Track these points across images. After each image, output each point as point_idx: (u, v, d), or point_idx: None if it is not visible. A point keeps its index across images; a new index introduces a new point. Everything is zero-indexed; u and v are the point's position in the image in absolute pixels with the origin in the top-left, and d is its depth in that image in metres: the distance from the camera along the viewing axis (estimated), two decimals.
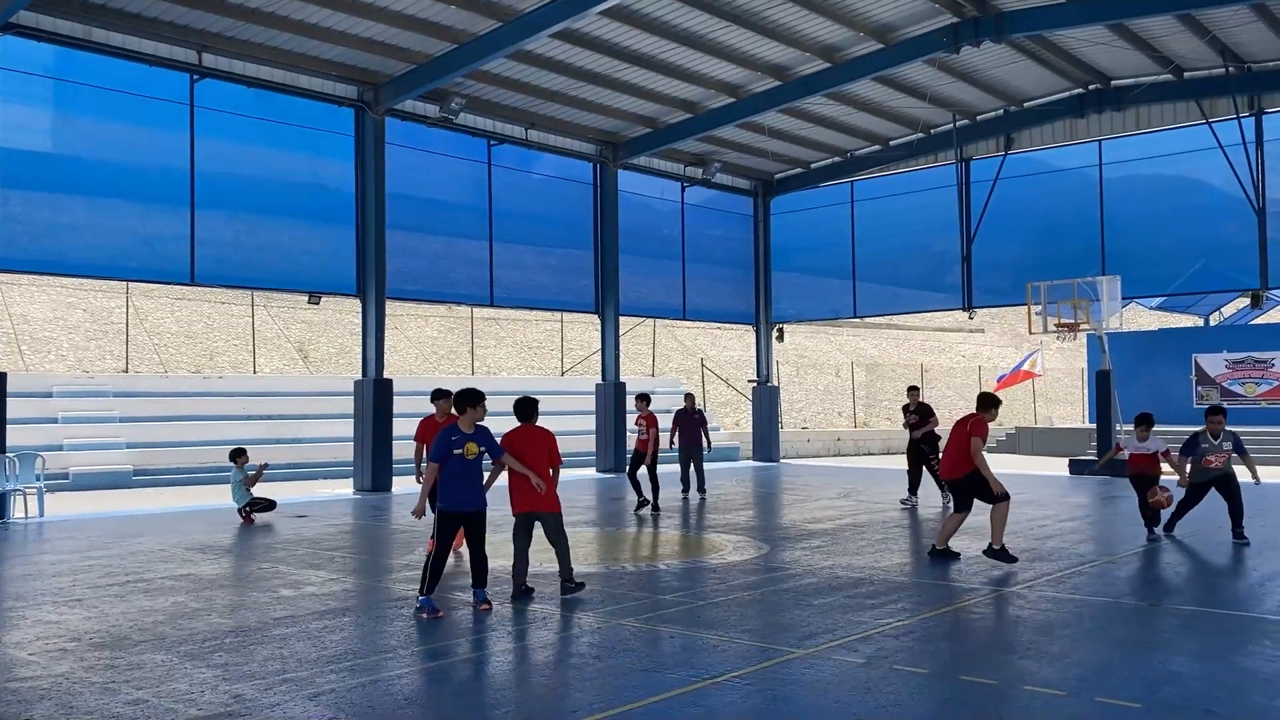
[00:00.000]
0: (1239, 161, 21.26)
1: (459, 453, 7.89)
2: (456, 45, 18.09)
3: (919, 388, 17.07)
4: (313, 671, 6.22)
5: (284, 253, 19.04)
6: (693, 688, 5.82)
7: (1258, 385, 30.29)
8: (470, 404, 8.07)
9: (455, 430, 8.01)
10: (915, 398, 16.26)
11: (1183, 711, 5.36)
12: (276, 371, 30.88)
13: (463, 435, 7.97)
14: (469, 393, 8.14)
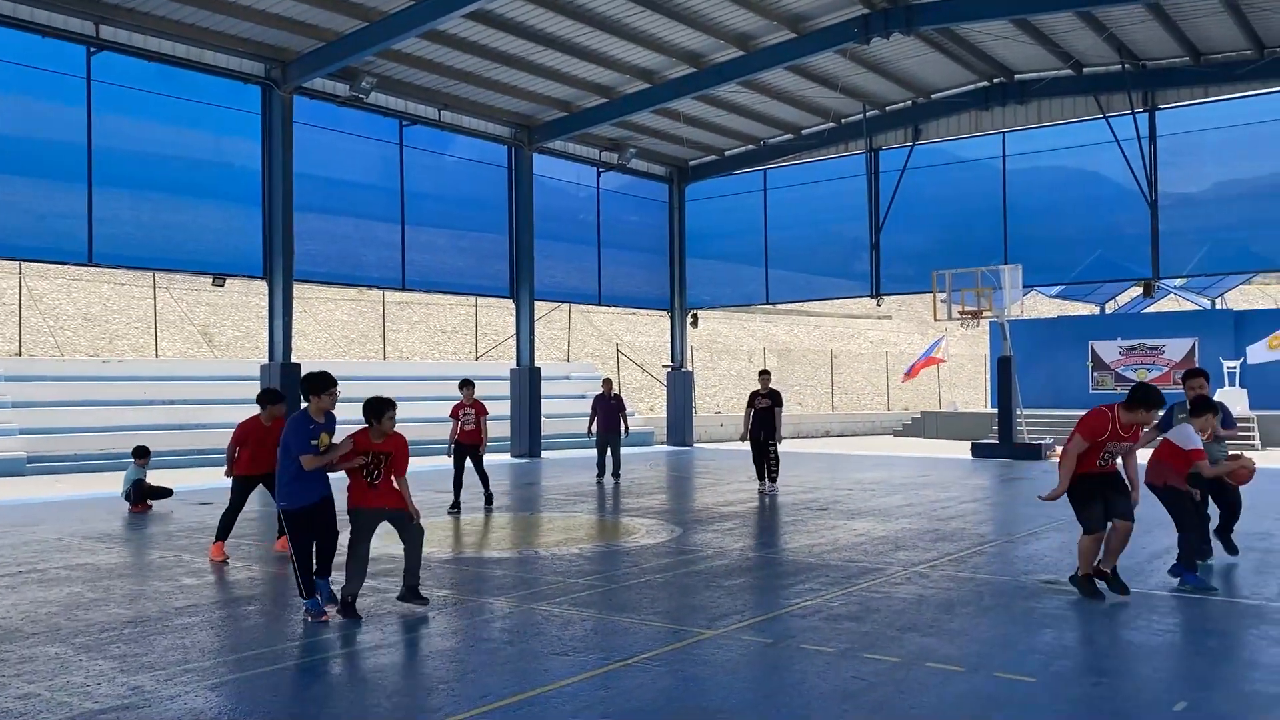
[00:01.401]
0: (1134, 155, 22.08)
1: (314, 444, 7.18)
2: (367, 23, 17.75)
3: (770, 372, 16.55)
4: (215, 661, 6.09)
5: (187, 233, 18.49)
6: (604, 670, 5.86)
7: (1149, 371, 31.54)
8: (316, 391, 7.31)
9: (309, 419, 7.26)
10: (767, 382, 15.71)
11: (1074, 683, 5.59)
12: (179, 355, 30.01)
13: (318, 425, 7.27)
14: (318, 377, 7.39)
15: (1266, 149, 21.56)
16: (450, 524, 12.30)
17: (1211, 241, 22.17)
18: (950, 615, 7.22)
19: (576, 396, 30.36)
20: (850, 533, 11.36)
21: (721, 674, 5.82)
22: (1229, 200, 21.95)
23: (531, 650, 6.37)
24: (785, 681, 5.66)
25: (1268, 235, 21.79)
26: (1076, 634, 6.65)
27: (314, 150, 19.86)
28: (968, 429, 30.43)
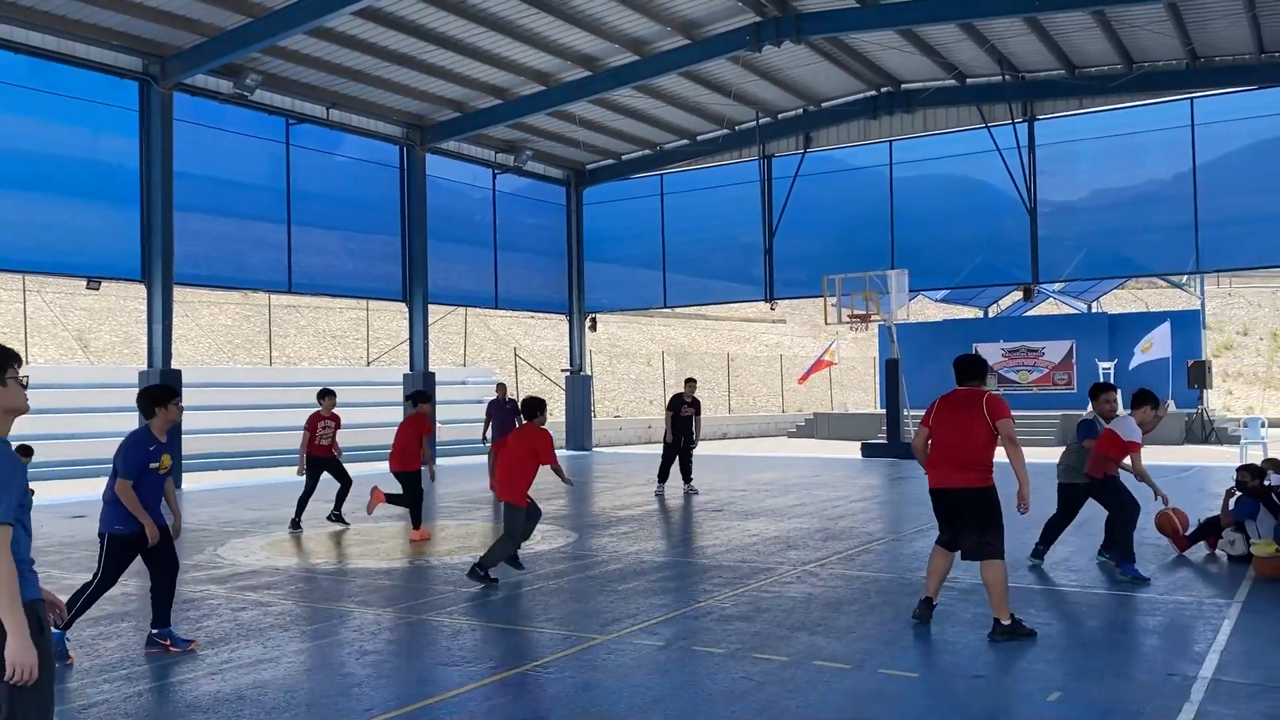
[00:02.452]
0: (1014, 164, 22.88)
1: (154, 466, 6.47)
2: (251, 19, 17.22)
3: (696, 380, 16.76)
4: (83, 682, 5.81)
5: (60, 234, 17.65)
6: (494, 679, 5.78)
7: (1030, 372, 32.74)
8: (162, 403, 6.52)
9: (151, 439, 6.51)
10: (693, 390, 16.06)
11: (955, 678, 5.73)
12: (53, 362, 28.68)
13: (159, 445, 6.53)
14: (159, 390, 6.63)
15: (1138, 159, 22.58)
16: (339, 534, 12.01)
17: (1088, 248, 23.10)
18: (838, 613, 7.34)
19: (473, 402, 30.02)
20: (744, 533, 11.48)
21: (612, 679, 5.79)
22: (1103, 208, 22.91)
23: (420, 661, 6.24)
24: (675, 684, 5.67)
25: (1140, 242, 22.81)
26: (958, 629, 6.83)
27: (196, 149, 19.17)
28: (858, 430, 31.10)
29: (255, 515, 13.79)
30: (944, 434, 6.88)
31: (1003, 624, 6.48)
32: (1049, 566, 9.06)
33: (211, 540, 11.35)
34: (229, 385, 26.11)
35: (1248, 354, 45.27)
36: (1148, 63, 21.39)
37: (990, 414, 6.77)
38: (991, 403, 6.87)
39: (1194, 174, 21.83)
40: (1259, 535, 8.82)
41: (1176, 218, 22.02)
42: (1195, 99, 21.79)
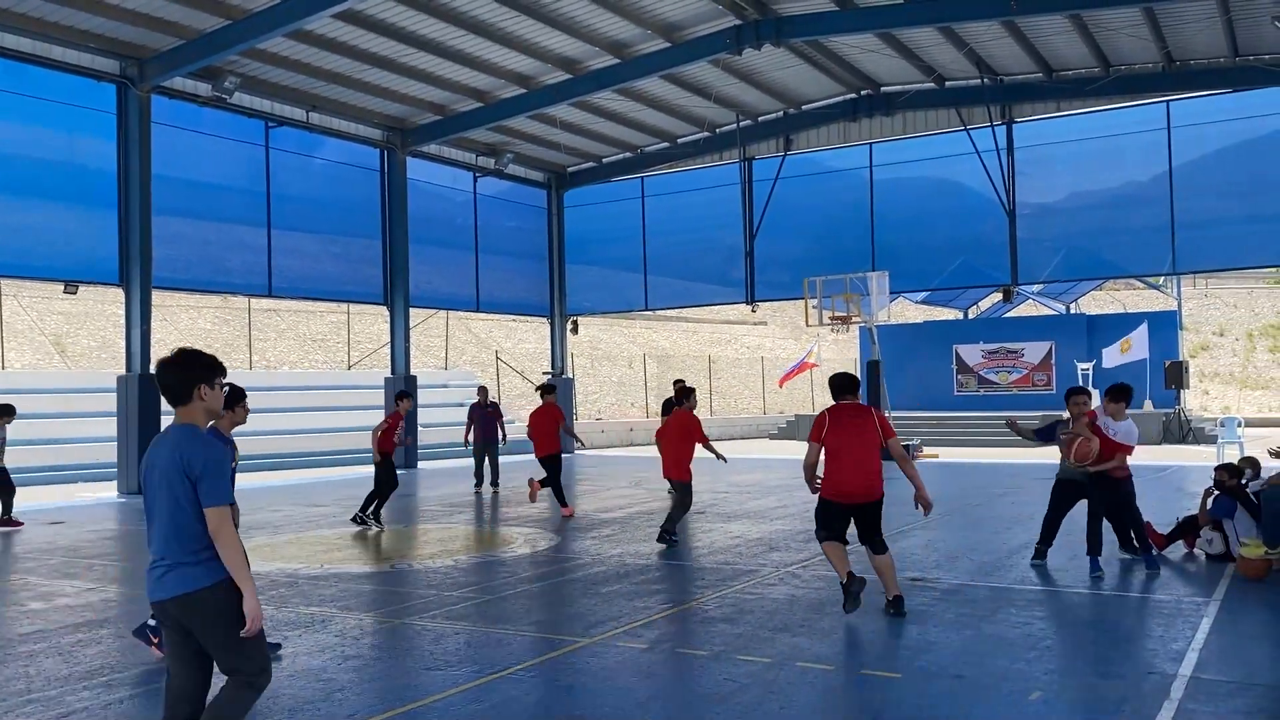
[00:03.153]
0: (993, 166, 23.02)
1: (233, 465, 6.01)
2: (230, 21, 17.13)
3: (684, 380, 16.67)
4: (62, 690, 5.75)
5: (37, 237, 17.48)
6: (477, 683, 5.76)
7: (1010, 373, 32.93)
8: (230, 406, 6.40)
9: (223, 438, 6.17)
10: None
11: (937, 678, 5.75)
12: (30, 367, 28.42)
13: (230, 443, 6.35)
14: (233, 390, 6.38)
15: (1115, 161, 22.77)
16: (319, 538, 11.95)
17: (1066, 249, 23.28)
18: (820, 615, 7.36)
19: (455, 405, 29.93)
20: (726, 535, 11.49)
21: (596, 682, 5.79)
22: (1081, 210, 23.09)
23: (402, 666, 6.22)
24: (659, 686, 5.67)
25: (1117, 243, 23.00)
26: (940, 630, 6.86)
27: (174, 152, 19.04)
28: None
29: None
30: (851, 448, 7.29)
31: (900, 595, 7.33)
32: (1029, 567, 9.12)
33: None
34: None
35: (1224, 354, 45.69)
36: (1125, 66, 21.57)
37: (882, 429, 7.40)
38: (880, 417, 7.50)
39: (1170, 176, 22.04)
40: (1237, 534, 8.89)
41: (1153, 219, 22.23)
42: (1171, 102, 22.01)
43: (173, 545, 3.87)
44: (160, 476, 3.90)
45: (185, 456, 3.85)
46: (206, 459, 3.86)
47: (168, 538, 3.88)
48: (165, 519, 3.88)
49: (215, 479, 3.85)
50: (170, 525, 3.86)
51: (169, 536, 3.87)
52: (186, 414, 4.01)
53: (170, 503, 3.86)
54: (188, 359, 4.04)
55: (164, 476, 3.88)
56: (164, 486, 3.88)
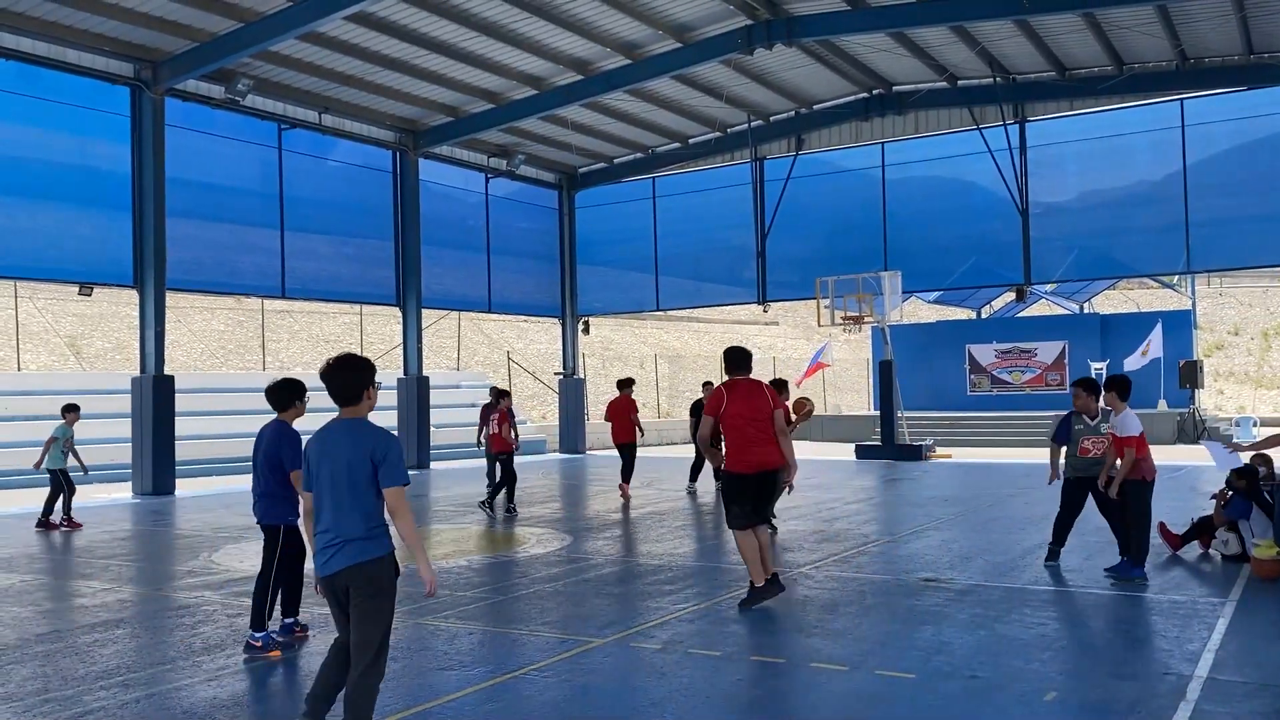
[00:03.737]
0: (1006, 166, 22.95)
1: None
2: (243, 24, 17.21)
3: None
4: (79, 689, 5.79)
5: (51, 240, 17.59)
6: (491, 683, 5.78)
7: (1023, 373, 32.80)
8: (300, 396, 6.84)
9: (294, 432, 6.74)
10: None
11: (951, 678, 5.74)
12: (45, 368, 28.58)
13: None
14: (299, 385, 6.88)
15: (1128, 160, 22.67)
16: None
17: (1078, 249, 23.19)
18: (834, 615, 7.35)
19: (467, 406, 29.98)
20: None
21: (609, 682, 5.79)
22: (1093, 209, 22.99)
23: (416, 666, 6.24)
24: (673, 687, 5.67)
25: (1130, 243, 22.91)
26: (954, 630, 6.84)
27: (188, 154, 19.13)
28: (852, 431, 31.10)
29: (249, 520, 13.71)
30: (747, 421, 7.57)
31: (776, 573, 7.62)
32: (1043, 567, 9.08)
33: (205, 546, 11.32)
34: (222, 391, 26.02)
35: (1239, 354, 45.43)
36: (1138, 64, 21.48)
37: (772, 400, 7.68)
38: (770, 390, 7.78)
39: (1184, 174, 21.93)
40: (1253, 535, 8.84)
41: (1167, 218, 22.12)
42: (1185, 100, 21.89)
43: (349, 523, 4.41)
44: (338, 463, 4.43)
45: (369, 445, 4.42)
46: (389, 447, 4.46)
47: (344, 516, 4.41)
48: (343, 500, 4.41)
49: (396, 464, 4.43)
50: (348, 505, 4.40)
51: (346, 515, 4.41)
52: (354, 411, 4.56)
53: (349, 486, 4.41)
54: (359, 364, 4.62)
55: (344, 463, 4.42)
56: (344, 472, 4.41)
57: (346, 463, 4.42)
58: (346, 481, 4.42)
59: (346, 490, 4.42)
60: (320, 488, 4.50)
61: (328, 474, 4.46)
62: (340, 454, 4.45)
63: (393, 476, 4.42)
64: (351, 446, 4.44)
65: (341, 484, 4.42)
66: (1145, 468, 8.42)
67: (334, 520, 4.43)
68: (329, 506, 4.45)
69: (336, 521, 4.43)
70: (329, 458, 4.47)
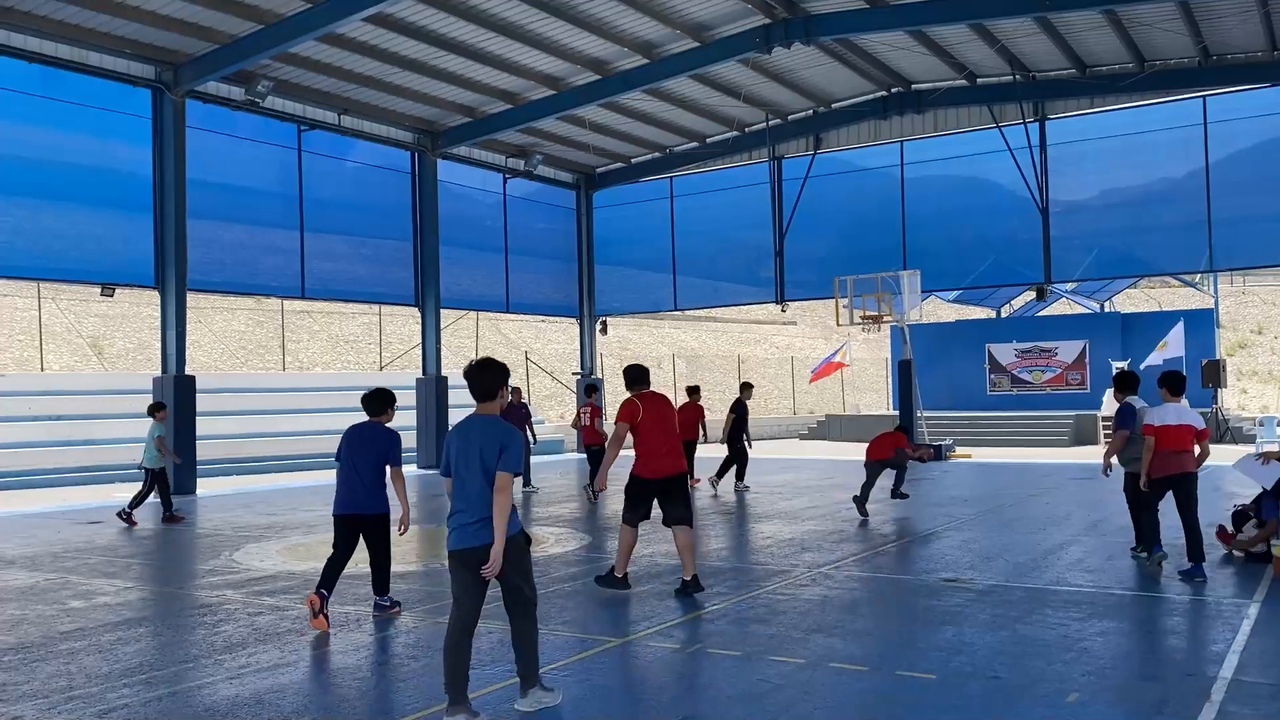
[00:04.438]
0: (1025, 164, 22.80)
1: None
2: (263, 25, 17.29)
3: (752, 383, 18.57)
4: (103, 687, 5.83)
5: (74, 241, 17.73)
6: (510, 682, 5.77)
7: (1044, 373, 32.60)
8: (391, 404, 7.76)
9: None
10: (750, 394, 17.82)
11: (973, 679, 5.71)
12: (67, 369, 28.83)
13: None
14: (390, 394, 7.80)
15: (1150, 158, 22.49)
16: None
17: (1099, 247, 23.02)
18: (854, 615, 7.32)
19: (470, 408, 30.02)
20: (758, 535, 11.47)
21: (629, 682, 5.79)
22: (1114, 207, 22.83)
23: (437, 664, 6.23)
24: (692, 686, 5.67)
25: (1149, 241, 22.73)
26: (975, 631, 6.81)
27: (208, 155, 19.25)
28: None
29: (269, 520, 13.83)
30: (663, 430, 8.20)
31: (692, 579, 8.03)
32: (1065, 567, 9.02)
33: (226, 545, 11.39)
34: (242, 390, 26.19)
35: (1262, 352, 45.01)
36: (1159, 61, 21.31)
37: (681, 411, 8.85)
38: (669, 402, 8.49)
39: (1206, 172, 21.74)
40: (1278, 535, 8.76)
41: (1189, 216, 21.94)
42: (1208, 97, 21.70)
43: (485, 504, 5.04)
44: (476, 453, 5.08)
45: (500, 439, 5.09)
46: (514, 440, 5.16)
47: (480, 500, 5.05)
48: (480, 484, 5.06)
49: (515, 455, 5.10)
50: (484, 489, 5.05)
51: (482, 499, 5.05)
52: (488, 408, 5.28)
53: (483, 473, 5.06)
54: (498, 367, 5.33)
55: (480, 453, 5.07)
56: (478, 460, 5.07)
57: (482, 452, 5.07)
58: (482, 469, 5.06)
59: (482, 476, 5.06)
60: (461, 474, 5.13)
61: (467, 462, 5.10)
62: (478, 445, 5.10)
63: (508, 463, 5.06)
64: (488, 439, 5.09)
65: (478, 471, 5.06)
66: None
67: (473, 502, 5.07)
68: (468, 490, 5.09)
69: (475, 503, 5.06)
70: (470, 447, 5.11)
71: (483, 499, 5.05)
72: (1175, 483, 8.41)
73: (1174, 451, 8.36)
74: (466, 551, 5.08)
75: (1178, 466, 8.39)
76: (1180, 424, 8.39)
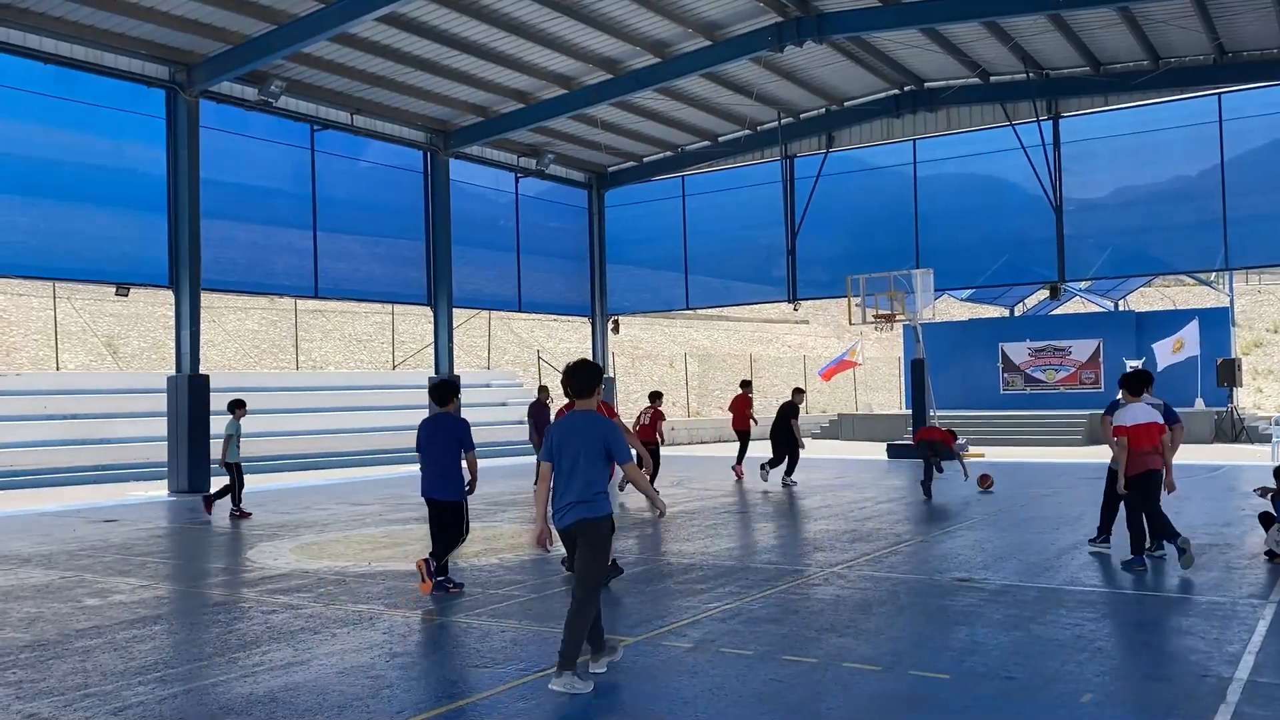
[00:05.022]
0: (1039, 162, 22.71)
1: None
2: (276, 26, 17.36)
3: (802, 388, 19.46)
4: (119, 684, 5.86)
5: (89, 241, 17.83)
6: (524, 680, 5.79)
7: (1057, 371, 32.49)
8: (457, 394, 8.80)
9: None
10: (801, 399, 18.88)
11: (987, 679, 5.69)
12: (82, 368, 28.98)
13: None
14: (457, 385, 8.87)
15: (1164, 156, 22.37)
16: (366, 537, 12.07)
17: (1113, 245, 22.91)
18: (867, 615, 7.30)
19: (497, 404, 30.12)
20: (770, 535, 11.45)
21: (641, 680, 5.79)
22: (1128, 205, 22.71)
23: (450, 663, 6.27)
24: (705, 686, 5.66)
25: (1164, 239, 22.61)
26: (989, 631, 6.78)
27: (221, 155, 19.34)
28: (883, 430, 30.94)
29: (283, 519, 13.88)
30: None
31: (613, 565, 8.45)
32: (1078, 567, 8.99)
33: (240, 544, 11.43)
34: (256, 390, 26.23)
35: (1278, 351, 44.71)
36: (1174, 58, 21.20)
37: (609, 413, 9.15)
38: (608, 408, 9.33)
39: (1221, 170, 21.60)
40: None
41: (1204, 214, 21.81)
42: (1222, 94, 21.57)
43: (581, 488, 5.66)
44: (578, 443, 5.67)
45: (601, 433, 5.69)
46: (615, 434, 5.77)
47: (579, 484, 5.65)
48: (579, 471, 5.65)
49: (621, 446, 5.77)
50: (582, 476, 5.65)
51: (580, 483, 5.65)
52: (586, 403, 5.87)
53: (585, 461, 5.65)
54: (594, 368, 5.94)
55: (581, 444, 5.67)
56: (582, 450, 5.66)
57: (582, 443, 5.66)
58: (583, 458, 5.64)
59: (582, 464, 5.65)
60: (561, 462, 5.71)
61: (568, 451, 5.69)
62: (578, 437, 5.69)
63: (621, 455, 5.76)
64: (587, 432, 5.70)
65: (579, 459, 5.65)
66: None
67: (570, 486, 5.67)
68: (567, 476, 5.68)
69: (572, 487, 5.67)
70: (572, 438, 5.70)
71: (583, 485, 5.65)
72: (1145, 480, 8.70)
73: (1145, 451, 8.67)
74: (568, 529, 5.71)
75: (1148, 465, 8.69)
76: (1149, 422, 8.69)
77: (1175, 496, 8.74)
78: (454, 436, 8.30)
